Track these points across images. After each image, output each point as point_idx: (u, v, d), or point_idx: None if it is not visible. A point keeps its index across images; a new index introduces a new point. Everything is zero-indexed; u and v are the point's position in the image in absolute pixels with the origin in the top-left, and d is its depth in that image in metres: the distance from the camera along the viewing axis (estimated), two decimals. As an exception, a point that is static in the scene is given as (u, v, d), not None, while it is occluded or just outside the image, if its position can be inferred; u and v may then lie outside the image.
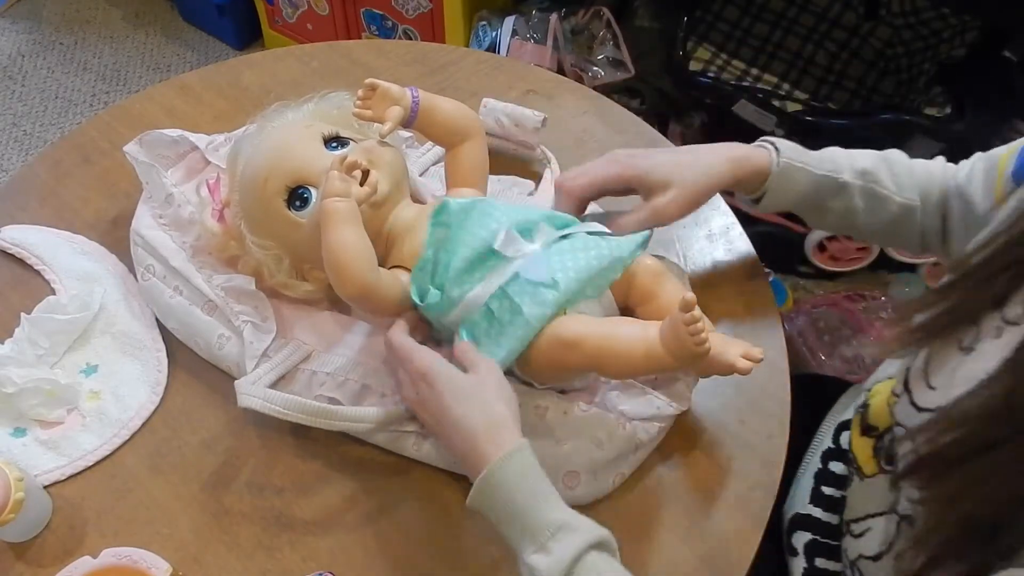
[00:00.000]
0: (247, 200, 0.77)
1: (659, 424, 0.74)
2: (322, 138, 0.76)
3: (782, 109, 1.51)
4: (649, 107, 1.60)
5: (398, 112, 0.75)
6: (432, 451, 0.74)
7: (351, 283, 0.69)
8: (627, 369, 0.69)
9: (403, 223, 0.75)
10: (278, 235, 0.76)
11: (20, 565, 0.71)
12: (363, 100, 0.76)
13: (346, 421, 0.72)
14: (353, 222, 0.69)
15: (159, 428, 0.78)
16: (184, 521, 0.73)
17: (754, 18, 1.66)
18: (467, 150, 0.80)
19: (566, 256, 0.70)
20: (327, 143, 0.76)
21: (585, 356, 0.68)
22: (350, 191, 0.69)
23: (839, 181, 0.78)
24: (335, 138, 0.77)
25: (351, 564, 0.71)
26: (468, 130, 0.80)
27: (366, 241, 0.69)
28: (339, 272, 0.69)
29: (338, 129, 0.77)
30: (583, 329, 0.68)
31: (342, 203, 0.69)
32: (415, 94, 0.77)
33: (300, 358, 0.76)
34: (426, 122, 0.79)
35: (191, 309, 0.81)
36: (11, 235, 0.89)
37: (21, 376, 0.76)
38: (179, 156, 0.90)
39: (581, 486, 0.72)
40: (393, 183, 0.75)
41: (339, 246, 0.68)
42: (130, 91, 2.09)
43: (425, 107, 0.78)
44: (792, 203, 0.80)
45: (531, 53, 1.55)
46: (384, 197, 0.73)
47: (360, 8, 1.83)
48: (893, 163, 0.79)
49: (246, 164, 0.77)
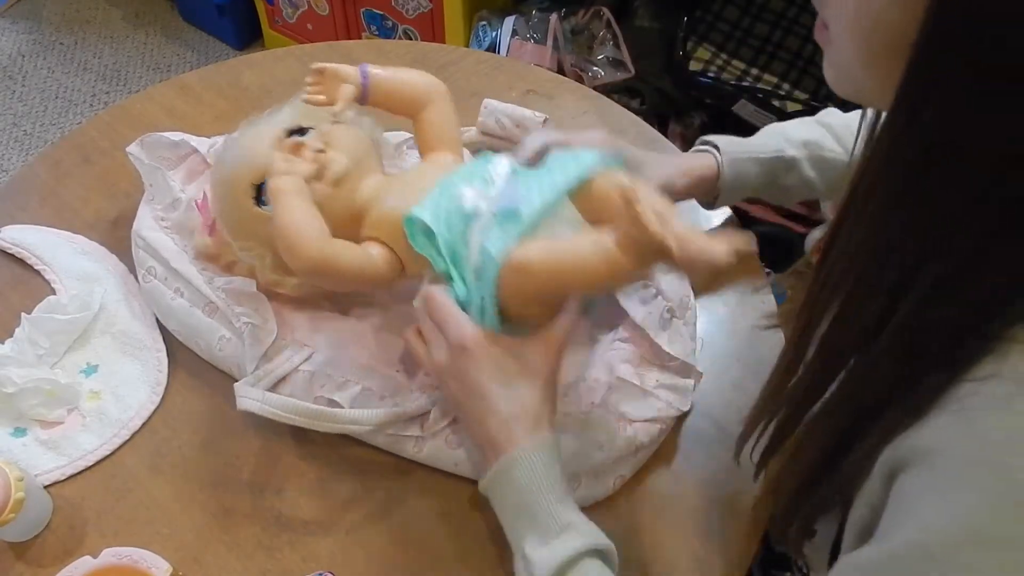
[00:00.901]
0: (222, 204, 0.78)
1: (660, 426, 0.74)
2: (285, 132, 0.76)
3: (782, 109, 1.51)
4: (649, 107, 1.60)
5: (349, 90, 0.74)
6: (432, 453, 0.74)
7: (301, 256, 0.67)
8: (592, 280, 0.64)
9: (369, 196, 0.74)
10: (254, 233, 0.75)
11: (20, 565, 0.71)
12: (313, 85, 0.75)
13: (344, 423, 0.72)
14: (298, 195, 0.68)
15: (159, 428, 0.78)
16: (184, 521, 0.73)
17: (754, 18, 1.65)
18: (430, 115, 0.78)
19: (531, 181, 0.67)
20: (289, 135, 0.76)
21: (543, 278, 0.64)
22: (294, 169, 0.69)
23: (785, 158, 0.78)
24: (297, 130, 0.76)
25: (351, 564, 0.71)
26: (427, 96, 0.78)
27: (314, 214, 0.68)
28: (288, 247, 0.68)
29: (300, 120, 0.77)
30: (532, 251, 0.64)
31: (284, 179, 0.68)
32: (364, 70, 0.76)
33: (300, 360, 0.76)
34: (381, 96, 0.77)
35: (192, 311, 0.81)
36: (11, 235, 0.89)
37: (21, 376, 0.76)
38: (179, 158, 0.90)
39: (582, 488, 0.72)
40: (354, 160, 0.73)
41: (283, 220, 0.67)
42: (130, 91, 2.09)
43: (377, 81, 0.76)
44: (749, 193, 0.81)
45: (531, 53, 1.55)
46: (341, 174, 0.72)
47: (360, 8, 1.83)
48: (831, 125, 0.79)
49: (219, 172, 0.78)
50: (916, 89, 0.41)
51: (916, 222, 0.43)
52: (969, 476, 0.41)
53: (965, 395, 0.43)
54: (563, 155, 0.69)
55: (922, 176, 0.42)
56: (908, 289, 0.44)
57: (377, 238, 0.73)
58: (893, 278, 0.45)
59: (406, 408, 0.73)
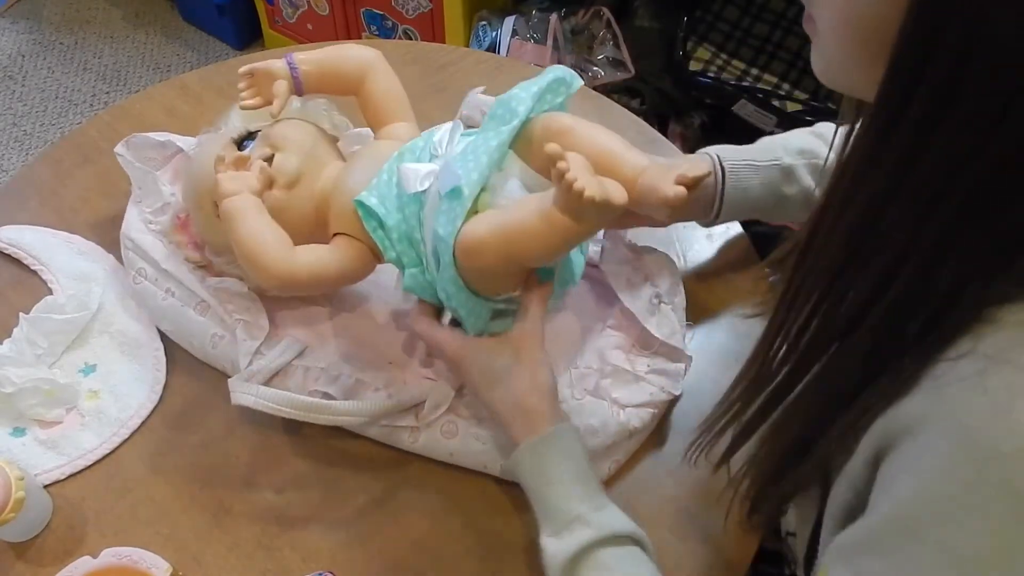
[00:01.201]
0: (198, 226, 0.79)
1: (652, 410, 0.75)
2: (232, 142, 0.75)
3: (782, 109, 1.51)
4: (649, 107, 1.60)
5: (283, 86, 0.73)
6: (428, 443, 0.74)
7: (267, 275, 0.67)
8: (544, 247, 0.61)
9: (327, 185, 0.73)
10: (228, 247, 0.74)
11: (20, 565, 0.71)
12: (245, 90, 0.74)
13: (340, 415, 0.73)
14: (250, 214, 0.67)
15: (158, 427, 0.78)
16: (184, 521, 0.73)
17: (754, 18, 1.65)
18: (370, 87, 0.76)
19: (468, 152, 0.64)
20: (240, 145, 0.75)
21: (498, 253, 0.62)
22: (242, 186, 0.68)
23: (783, 165, 0.77)
24: (247, 136, 0.76)
25: (351, 564, 0.71)
26: (361, 69, 0.76)
27: (273, 227, 0.67)
28: (252, 268, 0.67)
29: (247, 126, 0.76)
30: (480, 229, 0.62)
31: (235, 199, 0.67)
32: (291, 60, 0.75)
33: (293, 354, 0.77)
34: (315, 83, 0.76)
35: (184, 310, 0.81)
36: (8, 235, 0.89)
37: (20, 376, 0.76)
38: (165, 159, 0.90)
39: None
40: (303, 157, 0.73)
41: (243, 242, 0.67)
42: (130, 91, 2.09)
43: (307, 68, 0.75)
44: (751, 204, 0.78)
45: (531, 53, 1.54)
46: (295, 175, 0.71)
47: (360, 8, 1.83)
48: (823, 134, 0.79)
49: (184, 194, 0.80)
50: (899, 81, 0.41)
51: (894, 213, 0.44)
52: (938, 448, 0.42)
53: (941, 374, 0.44)
54: (500, 105, 0.66)
55: (902, 168, 0.43)
56: (887, 278, 0.45)
57: (344, 232, 0.71)
58: (872, 268, 0.46)
59: (400, 399, 0.74)
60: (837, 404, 0.50)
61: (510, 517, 0.73)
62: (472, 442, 0.73)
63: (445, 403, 0.74)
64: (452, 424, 0.74)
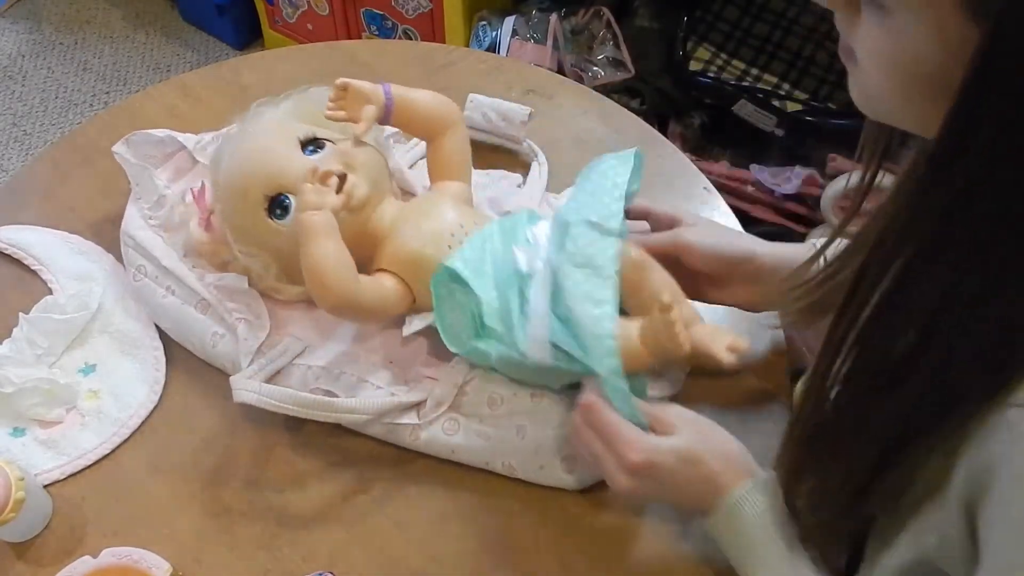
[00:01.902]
0: (229, 211, 0.77)
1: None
2: (298, 142, 0.75)
3: (782, 109, 1.51)
4: (649, 107, 1.60)
5: (372, 111, 0.74)
6: (430, 440, 0.74)
7: (331, 296, 0.69)
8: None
9: (387, 222, 0.75)
10: (262, 243, 0.76)
11: (20, 565, 0.71)
12: (335, 101, 0.75)
13: (342, 412, 0.73)
14: (329, 234, 0.68)
15: (158, 427, 0.78)
16: (184, 521, 0.73)
17: (754, 18, 1.65)
18: (448, 141, 0.79)
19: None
20: (304, 146, 0.76)
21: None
22: (325, 202, 0.69)
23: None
24: (311, 140, 0.76)
25: (351, 564, 0.71)
26: (447, 120, 0.79)
27: (344, 252, 0.69)
28: (319, 286, 0.69)
29: (314, 130, 0.77)
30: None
31: (317, 216, 0.68)
32: (387, 90, 0.76)
33: (295, 353, 0.77)
34: (403, 117, 0.77)
35: (184, 308, 0.80)
36: (8, 235, 0.89)
37: (20, 376, 0.76)
38: (166, 156, 0.90)
39: (576, 473, 0.72)
40: (371, 185, 0.74)
41: (317, 260, 0.68)
42: (130, 91, 2.09)
43: (400, 102, 0.76)
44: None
45: (531, 53, 1.54)
46: (362, 201, 0.73)
47: (360, 8, 1.83)
48: None
49: (226, 174, 0.77)
50: (962, 126, 0.41)
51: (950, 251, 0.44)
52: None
53: (1016, 421, 0.44)
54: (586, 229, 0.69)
55: (960, 203, 0.42)
56: (942, 321, 0.45)
57: (390, 270, 0.74)
58: (927, 311, 0.46)
59: (402, 397, 0.74)
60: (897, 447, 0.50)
61: (511, 517, 0.73)
62: (474, 439, 0.73)
63: (447, 401, 0.74)
64: (454, 421, 0.74)
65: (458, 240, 0.73)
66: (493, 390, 0.74)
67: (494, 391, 0.73)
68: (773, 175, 1.54)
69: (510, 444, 0.72)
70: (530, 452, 0.72)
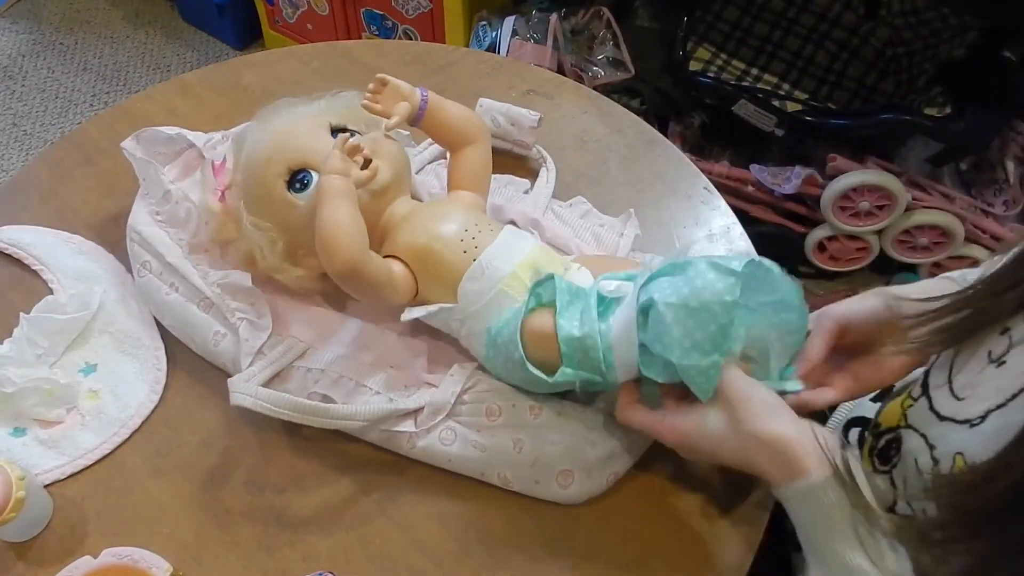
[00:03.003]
0: (249, 178, 0.78)
1: None
2: (329, 127, 0.77)
3: (782, 109, 1.51)
4: (649, 107, 1.60)
5: (405, 108, 0.76)
6: (426, 449, 0.74)
7: (340, 258, 0.68)
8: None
9: (399, 217, 0.76)
10: (275, 216, 0.76)
11: (20, 565, 0.71)
12: (373, 93, 0.77)
13: (338, 419, 0.72)
14: (349, 199, 0.69)
15: (159, 427, 0.78)
16: (184, 521, 0.73)
17: (754, 18, 1.66)
18: (471, 154, 0.80)
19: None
20: (334, 133, 0.77)
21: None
22: (349, 171, 0.70)
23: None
24: (342, 129, 0.77)
25: (351, 564, 0.71)
26: (473, 134, 0.80)
27: (359, 219, 0.69)
28: (329, 247, 0.68)
29: (345, 122, 0.78)
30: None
31: (339, 180, 0.69)
32: (424, 93, 0.78)
33: (295, 355, 0.77)
34: (432, 122, 0.79)
35: (187, 306, 0.81)
36: (8, 235, 0.89)
37: (20, 376, 0.76)
38: (175, 153, 0.90)
39: (575, 484, 0.72)
40: (395, 174, 0.75)
41: (332, 221, 0.68)
42: (130, 91, 2.09)
43: (433, 107, 0.78)
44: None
45: (531, 53, 1.55)
46: (384, 186, 0.74)
47: (360, 8, 1.83)
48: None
49: (252, 144, 0.78)
50: None
51: None
52: None
53: None
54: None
55: None
56: None
57: (400, 257, 0.74)
58: None
59: (399, 404, 0.73)
60: None
61: (512, 518, 0.73)
62: (470, 450, 0.73)
63: (444, 410, 0.73)
64: (450, 431, 0.73)
65: (471, 240, 0.73)
66: (492, 400, 0.73)
67: (493, 401, 0.73)
68: (773, 175, 1.54)
69: (507, 457, 0.72)
70: (526, 466, 0.72)
